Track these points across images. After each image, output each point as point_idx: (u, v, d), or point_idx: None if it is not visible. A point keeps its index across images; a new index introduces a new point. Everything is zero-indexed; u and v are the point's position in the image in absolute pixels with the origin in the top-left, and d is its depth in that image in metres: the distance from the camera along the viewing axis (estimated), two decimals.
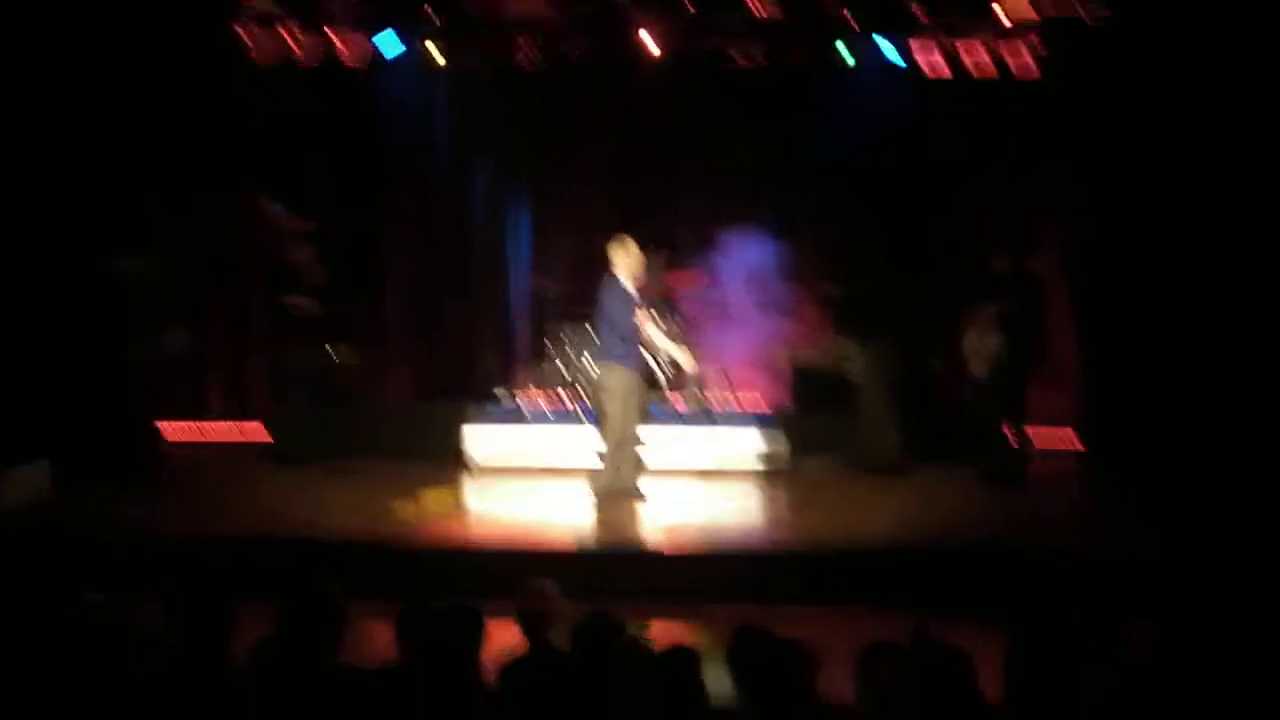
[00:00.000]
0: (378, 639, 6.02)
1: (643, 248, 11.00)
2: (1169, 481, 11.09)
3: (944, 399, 13.10)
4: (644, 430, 11.20)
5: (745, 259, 13.57)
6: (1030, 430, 12.02)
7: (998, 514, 10.85)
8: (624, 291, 10.82)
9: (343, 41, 13.28)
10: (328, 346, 12.75)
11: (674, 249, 13.48)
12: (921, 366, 12.94)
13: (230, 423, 14.10)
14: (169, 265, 12.83)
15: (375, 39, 13.43)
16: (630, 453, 10.94)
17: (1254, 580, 8.71)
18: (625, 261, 10.85)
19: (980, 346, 11.65)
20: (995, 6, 12.87)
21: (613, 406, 10.82)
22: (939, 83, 13.34)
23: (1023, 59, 13.08)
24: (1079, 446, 13.04)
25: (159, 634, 5.12)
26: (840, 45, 13.46)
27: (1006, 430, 11.84)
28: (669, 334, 11.52)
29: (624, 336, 10.79)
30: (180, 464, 12.48)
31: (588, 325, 12.41)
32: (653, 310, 11.20)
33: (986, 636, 5.36)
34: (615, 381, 10.79)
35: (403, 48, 13.52)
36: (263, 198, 13.09)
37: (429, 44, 13.60)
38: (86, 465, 11.48)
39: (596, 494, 10.90)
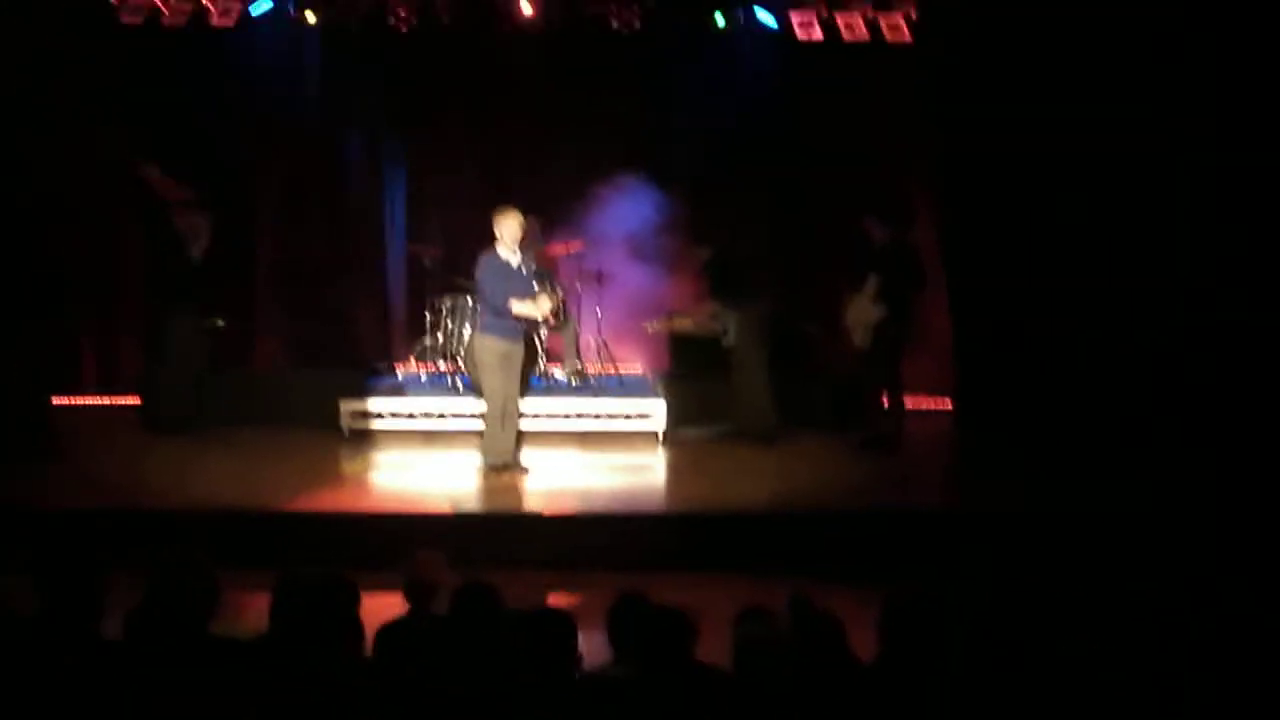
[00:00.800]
0: (254, 609, 5.97)
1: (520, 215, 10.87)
2: (1039, 443, 11.31)
3: (819, 365, 13.20)
4: (524, 400, 11.17)
5: (622, 225, 13.60)
6: (906, 397, 12.12)
7: (874, 480, 10.95)
8: (498, 262, 10.59)
9: (214, 4, 13.03)
10: (203, 314, 12.47)
11: (547, 217, 13.42)
12: (797, 332, 13.01)
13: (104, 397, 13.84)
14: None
15: (252, 10, 13.23)
16: (510, 423, 10.85)
17: (1119, 538, 8.94)
18: (506, 231, 10.60)
19: (862, 317, 11.69)
20: None
21: (488, 378, 10.70)
22: (812, 46, 13.39)
23: (895, 23, 13.16)
24: (952, 411, 13.20)
25: (28, 607, 5.04)
26: (717, 11, 13.51)
27: (883, 398, 11.94)
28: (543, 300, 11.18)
29: (496, 308, 10.59)
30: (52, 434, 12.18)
31: (466, 295, 12.34)
32: (531, 279, 11.00)
33: (861, 600, 5.43)
34: (488, 353, 10.64)
35: (270, 5, 13.33)
36: (146, 164, 12.83)
37: (301, 7, 13.43)
38: None
39: (481, 464, 10.81)
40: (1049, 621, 5.23)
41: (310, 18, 13.54)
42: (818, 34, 13.30)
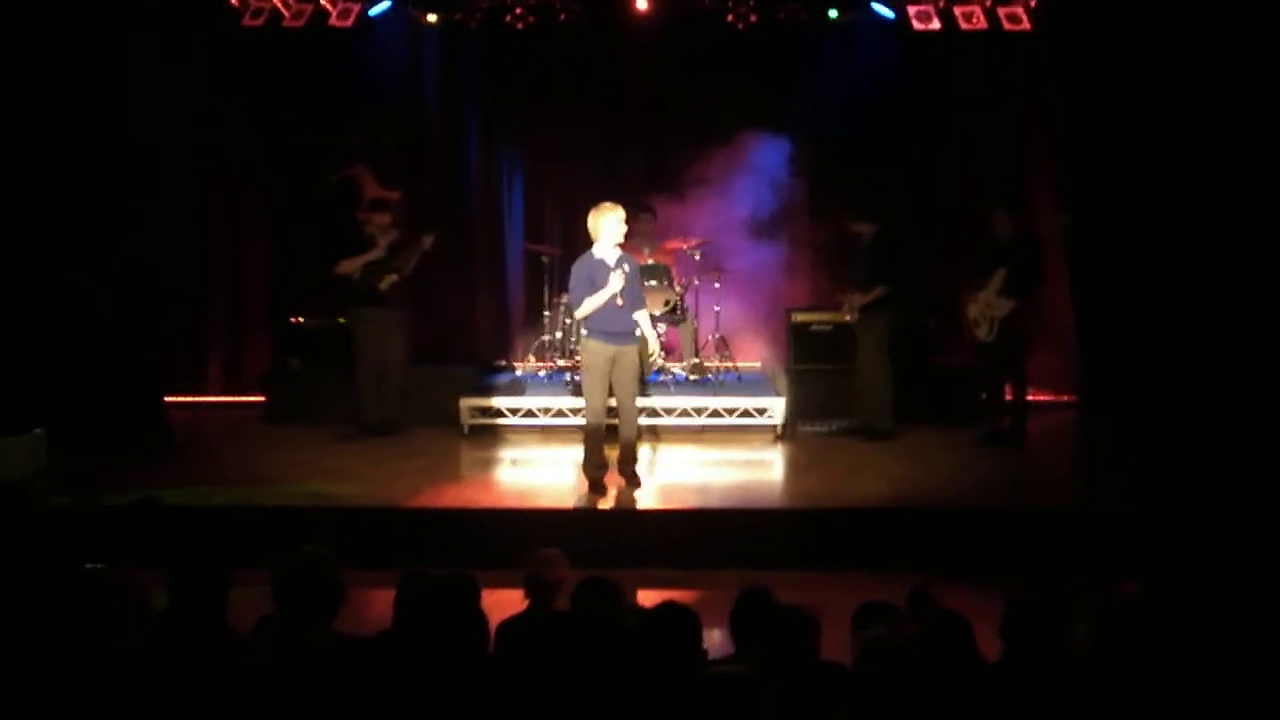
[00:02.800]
0: (377, 606, 6.03)
1: (630, 212, 10.61)
2: (1164, 440, 11.13)
3: (940, 359, 13.07)
4: (642, 397, 11.02)
5: (740, 219, 13.58)
6: (1029, 391, 11.96)
7: (997, 475, 10.82)
8: (590, 262, 10.17)
9: (332, 6, 13.19)
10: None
11: (663, 212, 13.42)
12: (917, 326, 12.87)
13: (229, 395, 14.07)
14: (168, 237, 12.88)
15: (370, 11, 13.37)
16: (623, 427, 10.46)
17: (1242, 536, 8.76)
18: (603, 230, 10.16)
19: (989, 311, 11.52)
20: None
21: (587, 381, 10.37)
22: (929, 36, 13.28)
23: (1014, 12, 13.02)
24: (1075, 405, 13.03)
25: (157, 602, 5.12)
26: (831, 8, 13.47)
27: (1007, 393, 11.79)
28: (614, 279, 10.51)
29: (572, 310, 10.39)
30: (177, 429, 12.36)
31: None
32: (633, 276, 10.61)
33: (985, 598, 5.37)
34: (591, 356, 10.26)
35: (389, 5, 13.47)
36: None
37: (419, 7, 13.55)
38: (84, 434, 11.47)
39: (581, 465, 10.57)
40: (1178, 621, 5.12)
41: (430, 17, 13.64)
42: (935, 25, 13.17)
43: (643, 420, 11.41)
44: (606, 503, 10.10)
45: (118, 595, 4.89)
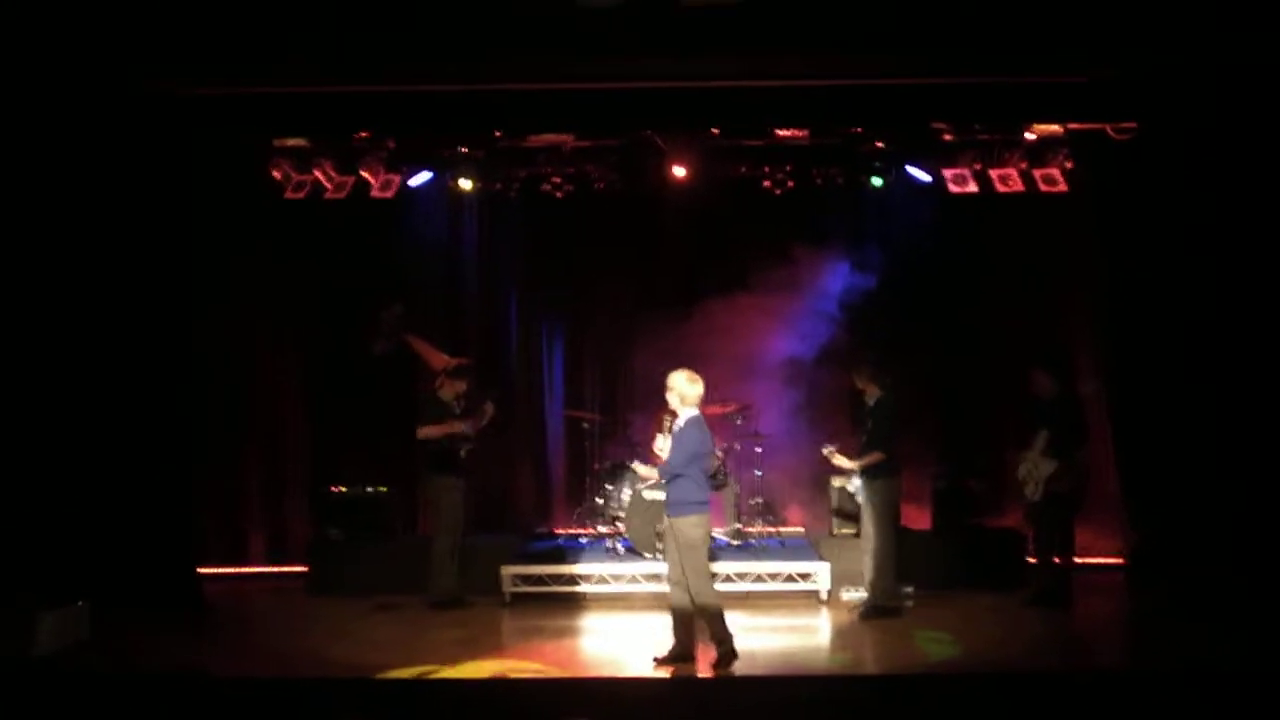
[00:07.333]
0: None
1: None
2: (1218, 597, 11.00)
3: (982, 520, 12.96)
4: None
5: (778, 377, 13.57)
6: (1074, 552, 11.84)
7: (1047, 638, 10.69)
8: (700, 429, 9.88)
9: (374, 177, 13.35)
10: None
11: (704, 376, 13.42)
12: (959, 487, 12.80)
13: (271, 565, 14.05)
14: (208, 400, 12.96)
15: (411, 182, 13.52)
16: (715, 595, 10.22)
17: None
18: (692, 395, 9.93)
19: (1035, 471, 11.49)
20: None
21: (699, 557, 9.96)
22: (966, 198, 13.33)
23: (1050, 173, 13.10)
24: (1124, 567, 12.87)
25: None
26: (869, 172, 13.51)
27: (1054, 554, 11.67)
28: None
29: (701, 478, 9.90)
30: (218, 599, 12.37)
31: (634, 465, 12.34)
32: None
33: None
34: (701, 529, 9.89)
35: (429, 176, 13.62)
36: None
37: (458, 177, 13.67)
38: (126, 605, 11.48)
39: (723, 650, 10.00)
40: None
41: (468, 186, 13.73)
42: (972, 188, 13.24)
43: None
44: (649, 669, 9.96)
45: None
